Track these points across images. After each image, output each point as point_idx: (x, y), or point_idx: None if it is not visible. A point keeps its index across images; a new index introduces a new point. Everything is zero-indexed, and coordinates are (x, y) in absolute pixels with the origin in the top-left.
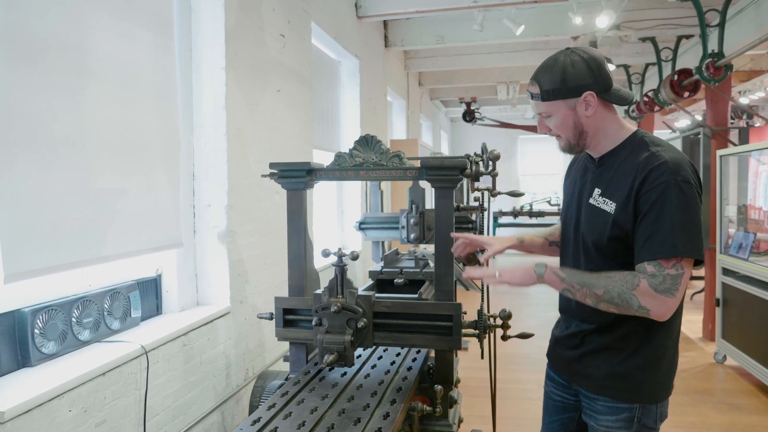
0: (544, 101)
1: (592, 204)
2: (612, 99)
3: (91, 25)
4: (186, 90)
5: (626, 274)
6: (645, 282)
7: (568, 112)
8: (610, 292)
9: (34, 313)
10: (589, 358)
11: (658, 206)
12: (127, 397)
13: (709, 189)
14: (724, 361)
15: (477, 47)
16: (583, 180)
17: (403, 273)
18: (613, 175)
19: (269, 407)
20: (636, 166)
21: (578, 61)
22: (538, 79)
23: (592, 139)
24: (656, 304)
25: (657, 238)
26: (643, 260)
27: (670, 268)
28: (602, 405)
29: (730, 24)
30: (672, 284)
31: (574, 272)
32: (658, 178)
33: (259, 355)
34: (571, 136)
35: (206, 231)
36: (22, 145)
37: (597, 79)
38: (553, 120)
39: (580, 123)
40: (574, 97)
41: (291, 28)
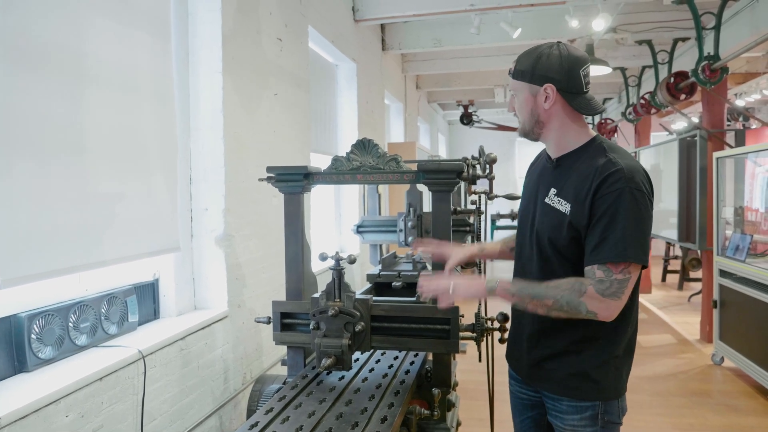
0: (514, 79)
1: (547, 203)
2: (573, 103)
3: (88, 28)
4: (183, 94)
5: (573, 281)
6: (592, 288)
7: (529, 96)
8: (560, 301)
9: (31, 318)
10: (547, 362)
11: (611, 212)
12: (124, 402)
13: (706, 191)
14: (722, 362)
15: (474, 50)
16: (540, 180)
17: (401, 276)
18: (569, 176)
19: (267, 411)
20: (593, 169)
21: (555, 55)
22: (519, 57)
23: (550, 133)
24: (603, 307)
25: (608, 243)
26: (593, 263)
27: (618, 273)
28: (566, 405)
29: (726, 26)
30: (618, 288)
31: (524, 285)
32: (614, 184)
33: (256, 359)
34: (526, 121)
35: (204, 235)
36: (18, 148)
37: (563, 78)
38: (517, 99)
39: (536, 112)
40: (536, 84)
41: (288, 31)
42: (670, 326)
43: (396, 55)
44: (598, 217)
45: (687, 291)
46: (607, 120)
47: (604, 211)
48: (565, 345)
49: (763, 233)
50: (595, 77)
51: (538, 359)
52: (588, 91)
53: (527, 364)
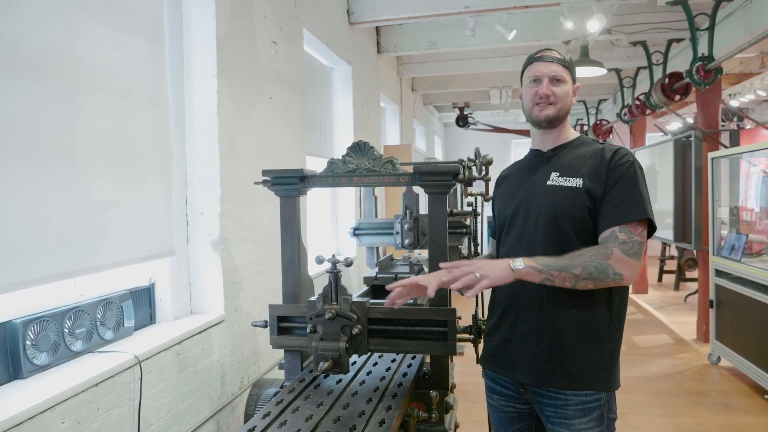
0: (564, 67)
1: (552, 185)
2: None
3: (83, 34)
4: (178, 98)
5: (597, 248)
6: (617, 250)
7: (570, 89)
8: (588, 268)
9: (26, 325)
10: (558, 357)
11: (626, 178)
12: (120, 408)
13: (701, 191)
14: (719, 362)
15: (470, 52)
16: (532, 173)
17: (398, 278)
18: (570, 160)
19: (264, 416)
20: (596, 152)
21: None
22: (560, 52)
23: (563, 124)
24: (627, 268)
25: (627, 204)
26: (614, 224)
27: (638, 235)
28: (573, 409)
29: (720, 27)
30: (639, 248)
31: (548, 260)
32: (624, 157)
33: (254, 363)
34: (562, 107)
35: (200, 239)
36: (12, 154)
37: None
38: (562, 86)
39: (569, 103)
40: (574, 80)
41: (283, 35)
42: (666, 326)
43: (391, 57)
44: (614, 183)
45: (683, 291)
46: (602, 121)
47: (620, 178)
48: (573, 339)
49: (758, 233)
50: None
51: (539, 354)
52: None
53: (525, 363)
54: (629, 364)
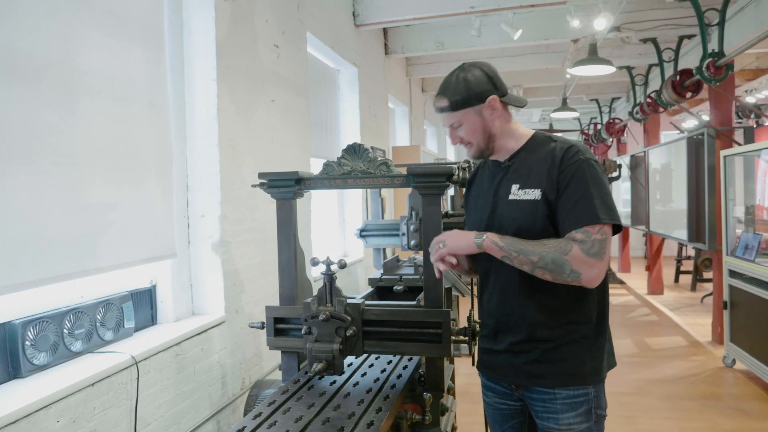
0: (454, 111)
1: (513, 199)
2: (511, 102)
3: (81, 42)
4: (179, 102)
5: (560, 240)
6: (577, 247)
7: (476, 117)
8: (545, 258)
9: (25, 325)
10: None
11: (576, 180)
12: (117, 407)
13: (714, 190)
14: (733, 365)
15: (478, 52)
16: (493, 185)
17: (403, 280)
18: (528, 168)
19: (255, 416)
20: (548, 153)
21: (476, 71)
22: (445, 93)
23: (499, 142)
24: (586, 267)
25: (579, 207)
26: (570, 229)
27: (596, 233)
28: (561, 404)
29: (731, 23)
30: (600, 248)
31: (512, 240)
32: (573, 157)
33: (256, 365)
34: (481, 141)
35: (201, 241)
36: (10, 159)
37: (496, 85)
38: (463, 128)
39: (488, 126)
40: (480, 103)
41: (285, 38)
42: (681, 328)
43: (400, 58)
44: (565, 186)
45: (700, 292)
46: (615, 119)
47: (570, 181)
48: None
49: None
50: (600, 77)
51: (525, 361)
52: None
53: (513, 369)
54: (641, 367)
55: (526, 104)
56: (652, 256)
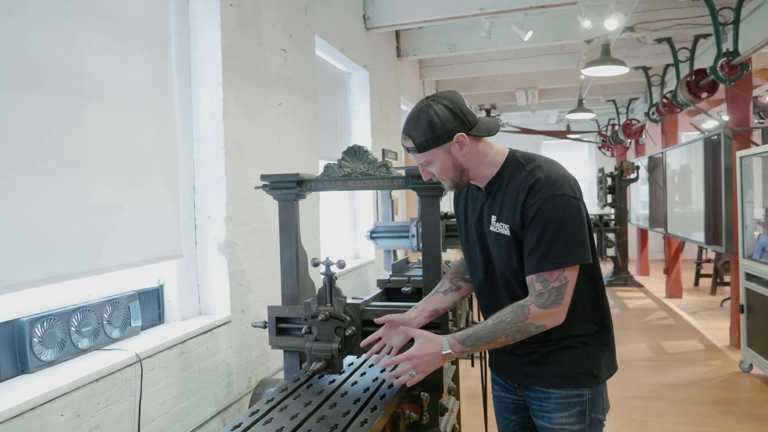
0: (420, 153)
1: (492, 231)
2: (480, 132)
3: (87, 48)
4: (185, 106)
5: (515, 309)
6: (534, 307)
7: (445, 156)
8: (510, 333)
9: (33, 323)
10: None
11: (536, 222)
12: (121, 403)
13: (731, 192)
14: (750, 370)
15: (491, 54)
16: (477, 209)
17: (411, 281)
18: (501, 200)
19: (252, 413)
20: (518, 187)
21: (440, 108)
22: (409, 133)
23: (474, 172)
24: (548, 318)
25: (538, 252)
26: (530, 272)
27: (554, 280)
28: (554, 403)
29: (747, 22)
30: (557, 296)
31: (472, 333)
32: (535, 195)
33: (262, 364)
34: (454, 176)
35: (207, 242)
36: (17, 163)
37: (462, 120)
38: (434, 166)
39: (459, 163)
40: (446, 142)
41: (293, 42)
42: (698, 332)
43: (413, 61)
44: (527, 227)
45: (720, 295)
46: (632, 120)
47: (530, 223)
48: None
49: None
50: (617, 77)
51: (525, 362)
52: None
53: (514, 368)
54: (655, 371)
55: (498, 131)
56: (670, 259)
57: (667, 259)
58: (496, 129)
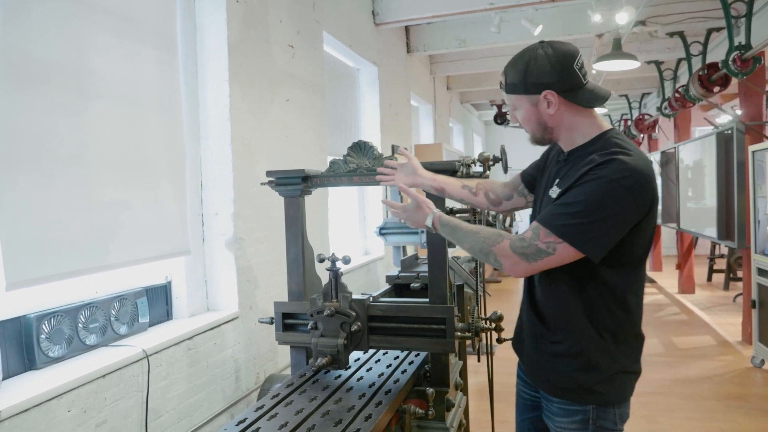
0: (507, 93)
1: (549, 195)
2: (576, 99)
3: (93, 46)
4: (192, 103)
5: (493, 232)
6: (507, 243)
7: (530, 107)
8: (474, 248)
9: (40, 319)
10: (547, 361)
11: (579, 189)
12: (128, 399)
13: (744, 186)
14: (762, 365)
15: (502, 49)
16: (550, 172)
17: (420, 277)
18: (571, 169)
19: (257, 408)
20: (589, 161)
21: (543, 57)
22: (506, 70)
23: (561, 134)
24: (509, 263)
25: (556, 210)
26: (536, 219)
27: (543, 242)
28: (556, 407)
29: (759, 15)
30: (534, 253)
31: (454, 226)
32: (598, 172)
33: (270, 360)
34: (536, 131)
35: (215, 238)
36: (26, 161)
37: (559, 78)
38: (519, 113)
39: (542, 120)
40: (534, 93)
41: (301, 38)
42: (711, 327)
43: (423, 56)
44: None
45: (733, 291)
46: (644, 115)
47: (575, 184)
48: (564, 348)
49: None
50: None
51: (538, 357)
52: (587, 81)
53: (529, 359)
54: (666, 366)
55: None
56: (683, 255)
57: (679, 255)
58: (599, 103)
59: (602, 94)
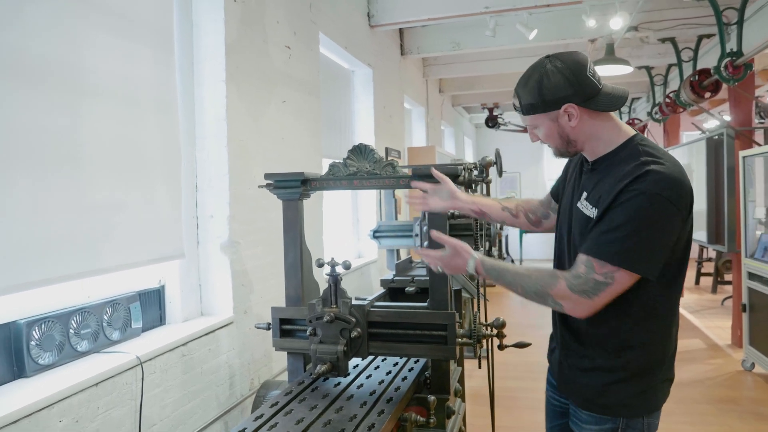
0: (525, 115)
1: (578, 208)
2: (597, 106)
3: (89, 44)
4: (188, 103)
5: (546, 275)
6: (563, 284)
7: (551, 124)
8: (528, 292)
9: (30, 325)
10: (577, 374)
11: (621, 210)
12: (121, 408)
13: (734, 191)
14: (752, 368)
15: (495, 53)
16: (576, 182)
17: (415, 281)
18: (600, 181)
19: (256, 418)
20: (623, 174)
21: (554, 71)
22: (517, 92)
23: (585, 144)
24: (570, 304)
25: (604, 238)
26: (584, 252)
27: (599, 274)
28: (586, 415)
29: (750, 22)
30: (593, 288)
31: (501, 269)
32: (639, 187)
33: (265, 365)
34: (559, 145)
35: (210, 241)
36: (17, 161)
37: (577, 89)
38: (539, 131)
39: (565, 133)
40: (553, 110)
41: (297, 39)
42: (700, 331)
43: (416, 59)
44: (611, 211)
45: (721, 294)
46: (634, 120)
47: (619, 206)
48: (595, 361)
49: None
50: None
51: (568, 368)
52: (603, 85)
53: (560, 370)
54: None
55: (622, 105)
56: None
57: None
58: (620, 104)
59: (621, 94)
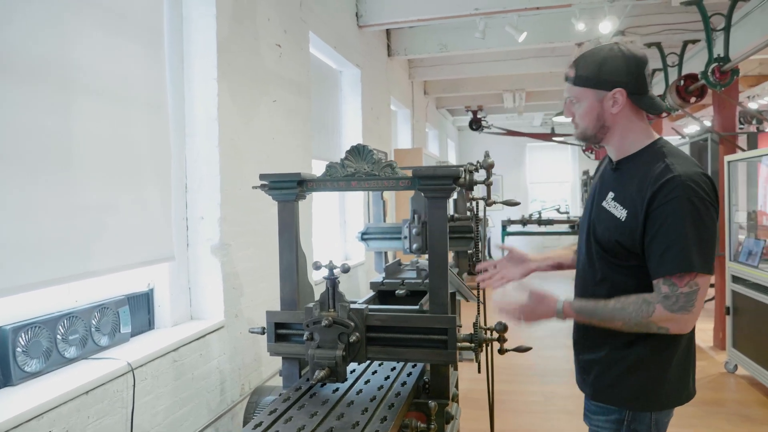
0: (575, 86)
1: (604, 207)
2: (642, 104)
3: (77, 41)
4: (178, 101)
5: (639, 302)
6: (660, 307)
7: (595, 102)
8: (629, 324)
9: (16, 331)
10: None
11: (670, 222)
12: (112, 416)
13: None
14: (735, 370)
15: (482, 55)
16: (600, 183)
17: (405, 284)
18: (627, 181)
19: (255, 426)
20: (649, 177)
21: (620, 56)
22: (578, 62)
23: (613, 137)
24: (673, 323)
25: (670, 254)
26: (657, 276)
27: (684, 286)
28: (595, 405)
29: (737, 28)
30: (686, 301)
31: (592, 307)
32: (671, 193)
33: (255, 370)
34: (590, 127)
35: (200, 244)
36: (2, 161)
37: (632, 80)
38: (579, 106)
39: (603, 117)
40: (604, 89)
41: (288, 38)
42: None
43: (402, 60)
44: (657, 227)
45: None
46: None
47: (663, 221)
48: (605, 354)
49: None
50: None
51: (583, 363)
52: (650, 90)
53: (577, 364)
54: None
55: (659, 113)
56: None
57: None
58: (658, 111)
59: (660, 105)
